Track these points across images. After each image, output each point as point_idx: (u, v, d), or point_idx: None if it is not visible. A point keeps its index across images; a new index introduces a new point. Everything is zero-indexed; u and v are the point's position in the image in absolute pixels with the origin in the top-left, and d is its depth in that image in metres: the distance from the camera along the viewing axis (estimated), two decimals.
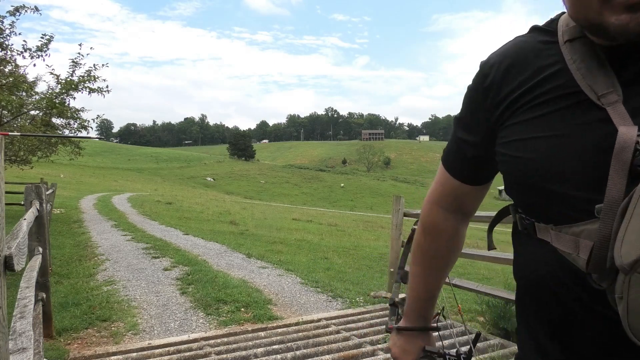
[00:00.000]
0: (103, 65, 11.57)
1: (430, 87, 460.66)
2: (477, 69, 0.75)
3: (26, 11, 10.16)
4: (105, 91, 11.53)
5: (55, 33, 11.20)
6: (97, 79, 11.43)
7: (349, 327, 4.09)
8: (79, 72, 11.38)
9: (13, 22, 10.24)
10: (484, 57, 0.75)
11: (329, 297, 5.28)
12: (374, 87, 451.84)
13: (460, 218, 0.90)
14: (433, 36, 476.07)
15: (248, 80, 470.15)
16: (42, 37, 10.72)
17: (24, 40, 10.57)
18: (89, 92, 11.44)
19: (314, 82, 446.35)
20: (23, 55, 10.60)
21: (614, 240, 0.51)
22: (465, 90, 0.77)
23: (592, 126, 0.58)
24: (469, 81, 0.77)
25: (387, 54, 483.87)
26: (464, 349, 1.00)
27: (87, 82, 11.35)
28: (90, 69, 11.40)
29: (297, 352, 3.41)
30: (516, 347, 0.77)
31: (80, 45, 11.14)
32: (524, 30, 0.74)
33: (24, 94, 11.39)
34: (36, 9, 10.23)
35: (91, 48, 11.33)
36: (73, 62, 11.24)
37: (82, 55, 11.22)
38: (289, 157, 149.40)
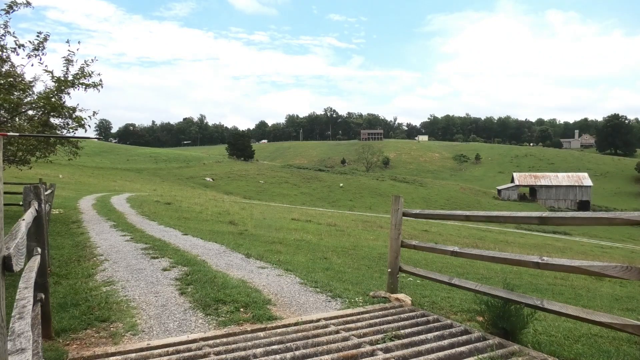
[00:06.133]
0: (93, 60, 11.60)
1: (425, 87, 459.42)
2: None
3: (19, 7, 10.14)
4: (99, 85, 11.55)
5: (52, 33, 11.20)
6: (91, 75, 11.46)
7: (348, 327, 4.09)
8: (73, 69, 11.40)
9: (7, 21, 10.23)
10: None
11: (328, 297, 5.28)
12: (369, 87, 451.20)
13: None
14: (427, 36, 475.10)
15: (246, 80, 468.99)
16: (37, 35, 10.71)
17: (15, 36, 10.50)
18: (85, 88, 11.45)
19: (311, 82, 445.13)
20: (17, 52, 10.58)
21: None
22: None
23: None
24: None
25: (382, 54, 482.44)
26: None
27: (82, 78, 11.36)
28: (82, 65, 11.43)
29: (297, 352, 3.41)
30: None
31: (68, 42, 11.14)
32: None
33: (21, 92, 11.36)
34: (28, 3, 10.21)
35: (79, 42, 11.36)
36: (66, 60, 11.24)
37: (74, 52, 11.23)
38: (288, 157, 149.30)
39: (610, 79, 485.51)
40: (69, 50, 11.16)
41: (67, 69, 11.32)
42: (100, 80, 11.61)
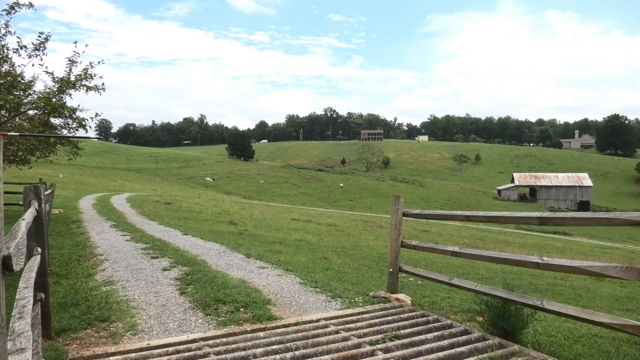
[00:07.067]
0: (99, 62, 11.58)
1: (425, 87, 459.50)
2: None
3: (21, 8, 10.15)
4: (101, 89, 11.54)
5: (52, 33, 11.17)
6: (94, 77, 11.44)
7: (348, 327, 4.09)
8: (76, 70, 11.38)
9: (7, 21, 10.24)
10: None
11: (328, 297, 5.28)
12: (369, 87, 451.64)
13: None
14: (427, 36, 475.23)
15: (246, 80, 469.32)
16: (39, 36, 10.71)
17: (18, 37, 10.52)
18: (87, 90, 11.44)
19: (311, 82, 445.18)
20: (19, 53, 10.58)
21: None
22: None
23: None
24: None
25: (382, 54, 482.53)
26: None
27: (84, 80, 11.35)
28: (87, 67, 11.41)
29: (297, 353, 3.41)
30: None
31: (75, 43, 11.13)
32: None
33: (21, 93, 11.36)
34: (30, 4, 10.21)
35: (86, 45, 11.31)
36: (70, 60, 11.23)
37: (79, 54, 11.21)
38: (288, 157, 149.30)
39: (610, 79, 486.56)
40: (74, 52, 11.15)
41: (70, 69, 11.32)
42: (103, 84, 11.61)
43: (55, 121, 12.39)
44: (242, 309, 4.62)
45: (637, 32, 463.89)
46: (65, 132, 12.38)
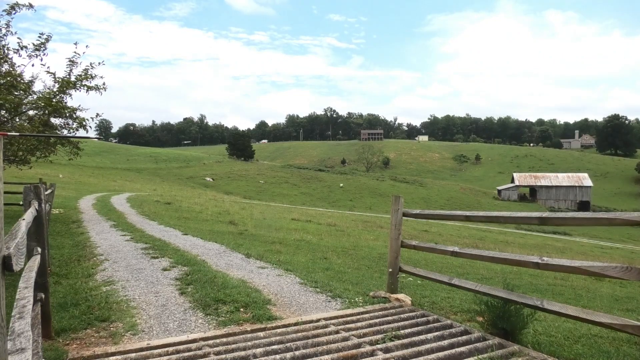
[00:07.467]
0: (100, 63, 11.59)
1: (425, 87, 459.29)
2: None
3: (21, 9, 10.17)
4: (102, 88, 11.55)
5: (52, 33, 11.19)
6: (94, 77, 11.45)
7: (348, 327, 4.09)
8: (76, 71, 11.40)
9: (9, 21, 10.26)
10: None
11: (328, 297, 5.28)
12: (369, 87, 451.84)
13: None
14: (427, 36, 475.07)
15: (246, 80, 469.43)
16: (39, 36, 10.73)
17: (19, 38, 10.55)
18: (87, 90, 11.45)
19: (311, 82, 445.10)
20: (19, 54, 10.60)
21: None
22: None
23: None
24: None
25: (382, 54, 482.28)
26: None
27: (84, 80, 11.36)
28: (87, 67, 11.42)
29: (297, 353, 3.41)
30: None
31: (75, 44, 11.16)
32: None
33: (21, 92, 11.37)
34: (30, 5, 10.23)
35: (87, 46, 11.33)
36: (70, 61, 11.25)
37: (79, 54, 11.23)
38: (288, 157, 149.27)
39: (610, 79, 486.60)
40: (74, 52, 11.16)
41: (71, 70, 11.33)
42: (104, 84, 11.63)
43: (56, 121, 12.40)
44: (242, 309, 4.62)
45: (637, 32, 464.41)
46: (65, 132, 12.38)
